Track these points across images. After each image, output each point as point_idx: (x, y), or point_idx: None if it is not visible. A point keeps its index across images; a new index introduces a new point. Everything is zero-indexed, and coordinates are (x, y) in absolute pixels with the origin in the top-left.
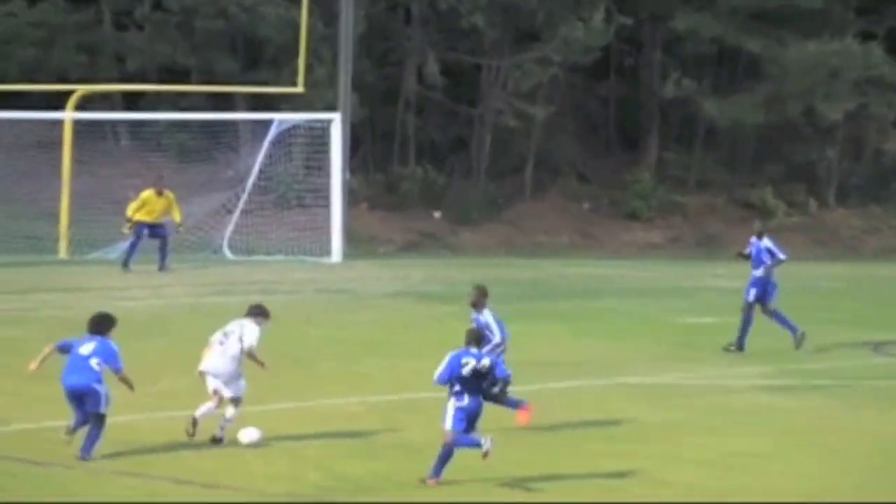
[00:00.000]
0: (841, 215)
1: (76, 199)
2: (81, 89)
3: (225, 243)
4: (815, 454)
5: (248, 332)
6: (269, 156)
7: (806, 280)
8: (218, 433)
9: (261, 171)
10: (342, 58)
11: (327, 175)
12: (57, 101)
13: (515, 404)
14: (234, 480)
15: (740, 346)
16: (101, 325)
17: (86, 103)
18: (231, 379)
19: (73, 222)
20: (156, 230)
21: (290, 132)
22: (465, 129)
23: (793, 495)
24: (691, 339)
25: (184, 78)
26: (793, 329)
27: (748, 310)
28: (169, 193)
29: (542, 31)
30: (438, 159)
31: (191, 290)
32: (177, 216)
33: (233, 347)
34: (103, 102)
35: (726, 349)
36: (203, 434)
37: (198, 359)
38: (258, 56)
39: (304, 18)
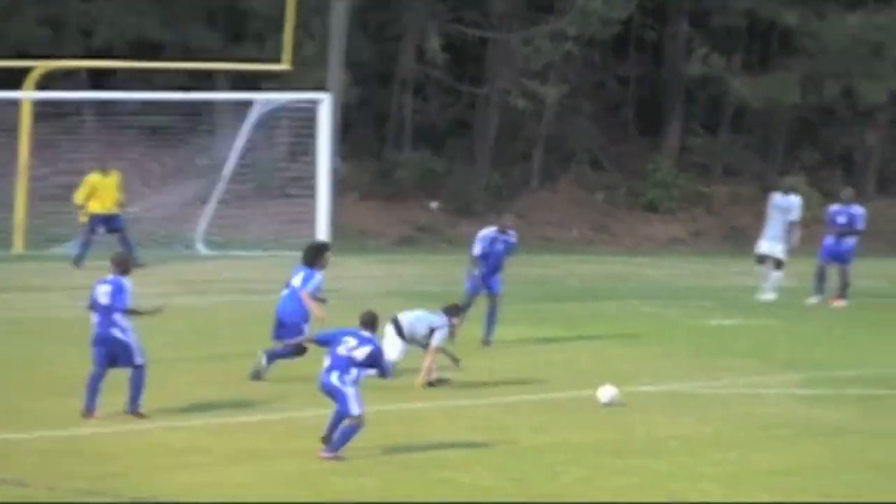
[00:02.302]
0: (882, 206)
1: (35, 188)
2: (42, 66)
3: (199, 237)
4: (846, 471)
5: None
6: (250, 140)
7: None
8: None
9: (240, 157)
10: (334, 32)
11: (314, 162)
12: (15, 79)
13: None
14: (204, 497)
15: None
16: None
17: (47, 81)
18: None
19: (31, 213)
20: (112, 223)
21: (273, 114)
22: (467, 111)
23: None
24: (715, 343)
25: (157, 54)
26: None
27: None
28: (115, 173)
29: (556, 1)
30: (437, 144)
31: (160, 289)
32: (119, 196)
33: None
34: (67, 80)
35: None
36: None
37: (169, 366)
38: (240, 30)
39: None
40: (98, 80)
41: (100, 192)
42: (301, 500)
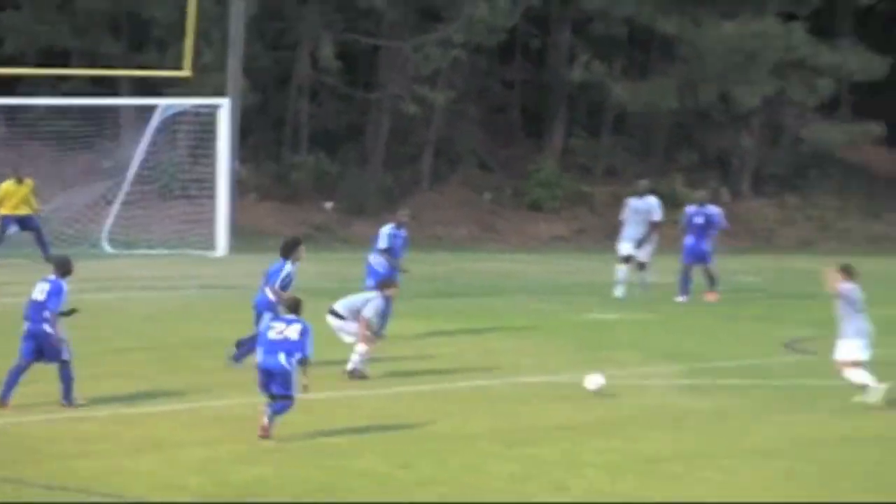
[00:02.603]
0: (756, 205)
1: None
2: None
3: (104, 236)
4: (725, 458)
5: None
6: (153, 143)
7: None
8: None
9: (144, 160)
10: (232, 40)
11: (214, 164)
12: None
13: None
14: (110, 486)
15: None
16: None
17: None
18: None
19: None
20: (26, 222)
21: (175, 118)
22: (360, 115)
23: (692, 501)
24: (597, 336)
25: (64, 61)
26: None
27: None
28: (29, 181)
29: (444, 10)
30: (332, 148)
31: (70, 286)
32: (34, 204)
33: None
34: None
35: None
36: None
37: (79, 359)
38: (143, 38)
39: None
40: (8, 86)
41: (11, 198)
42: (203, 487)
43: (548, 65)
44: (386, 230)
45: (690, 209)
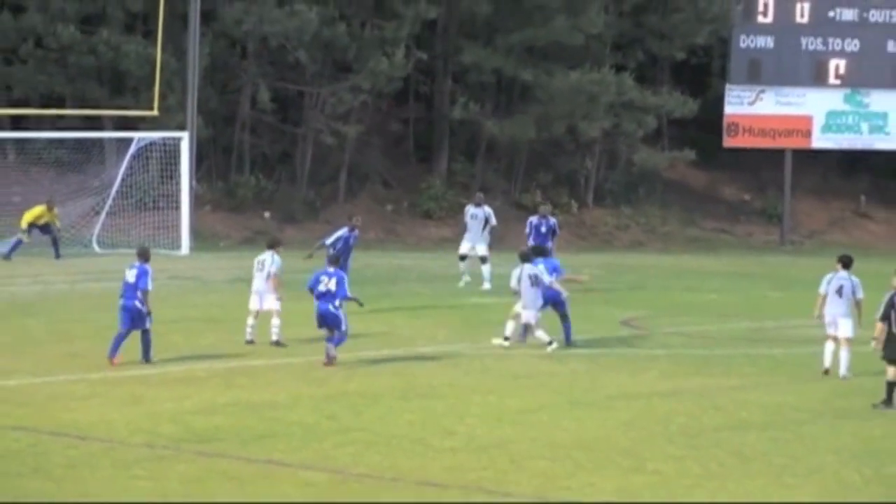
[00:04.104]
0: (598, 214)
1: None
2: None
3: (94, 239)
4: (577, 410)
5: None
6: (130, 167)
7: (569, 269)
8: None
9: (123, 180)
10: (190, 87)
11: (178, 183)
12: None
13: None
14: (101, 432)
15: None
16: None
17: None
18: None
19: None
20: (45, 230)
21: (147, 148)
22: (290, 145)
23: (553, 444)
24: (476, 316)
25: (60, 103)
26: None
27: None
28: (56, 210)
29: (353, 64)
30: (268, 170)
31: (66, 277)
32: (56, 223)
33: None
34: None
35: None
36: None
37: (77, 334)
38: (122, 85)
39: (158, 55)
40: (17, 123)
41: (41, 218)
42: (173, 433)
43: (434, 106)
44: (339, 233)
45: (534, 219)
